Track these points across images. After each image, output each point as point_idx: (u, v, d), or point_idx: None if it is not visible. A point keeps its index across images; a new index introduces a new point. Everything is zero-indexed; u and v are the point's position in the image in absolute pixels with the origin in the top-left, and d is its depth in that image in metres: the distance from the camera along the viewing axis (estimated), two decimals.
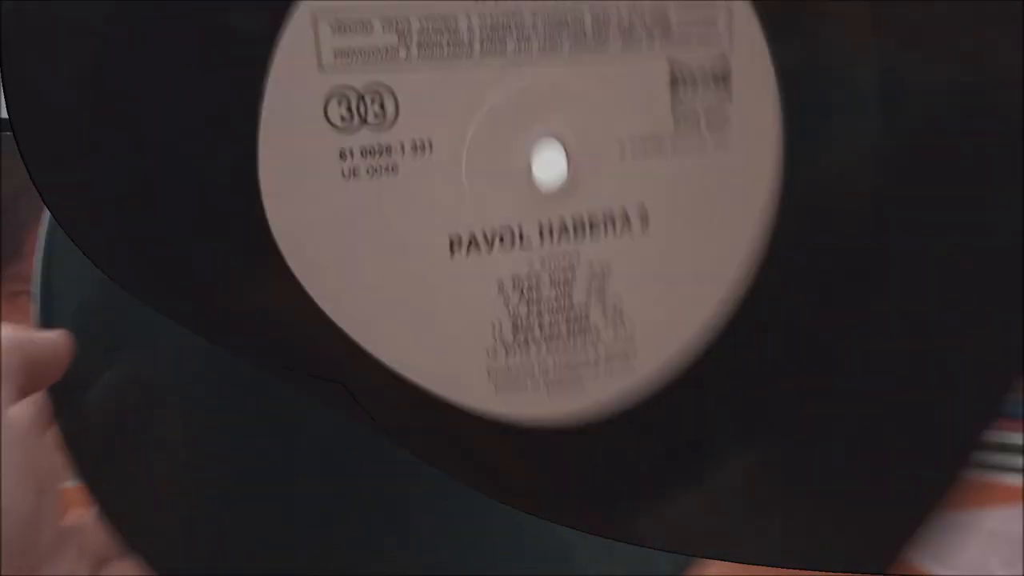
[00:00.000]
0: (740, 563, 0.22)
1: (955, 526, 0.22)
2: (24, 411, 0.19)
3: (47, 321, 0.21)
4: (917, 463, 0.23)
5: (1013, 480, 0.30)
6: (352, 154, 0.19)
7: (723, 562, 0.23)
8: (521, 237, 0.21)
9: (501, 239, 0.21)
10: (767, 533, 0.23)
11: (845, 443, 0.23)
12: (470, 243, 0.21)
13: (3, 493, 0.17)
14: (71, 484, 0.20)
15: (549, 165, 0.21)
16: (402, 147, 0.19)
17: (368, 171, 0.19)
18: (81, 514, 0.20)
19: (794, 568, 0.22)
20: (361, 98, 0.19)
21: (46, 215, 0.21)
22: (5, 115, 0.16)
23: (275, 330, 0.20)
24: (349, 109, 0.19)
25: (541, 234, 0.21)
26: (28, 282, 0.21)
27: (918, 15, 0.23)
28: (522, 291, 0.22)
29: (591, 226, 0.22)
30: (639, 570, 0.24)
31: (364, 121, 0.19)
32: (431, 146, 0.20)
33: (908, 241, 0.24)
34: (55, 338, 0.20)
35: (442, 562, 0.24)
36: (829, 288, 0.24)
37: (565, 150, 0.21)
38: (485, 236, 0.21)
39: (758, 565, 0.22)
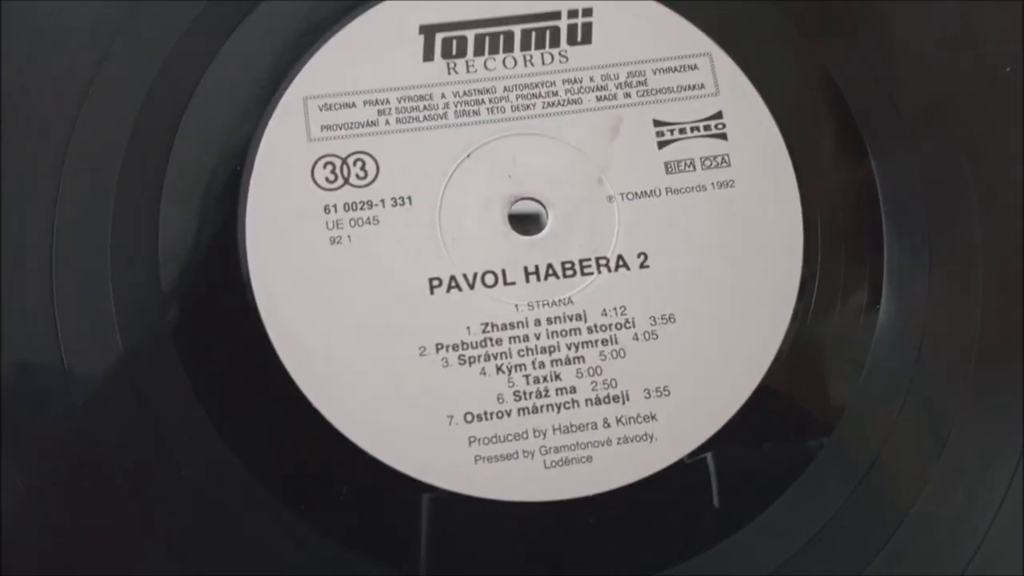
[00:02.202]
0: None
1: None
2: None
3: None
4: None
5: None
6: (336, 208, 0.21)
7: None
8: (505, 280, 0.21)
9: (483, 281, 0.21)
10: None
11: None
12: (451, 283, 0.21)
13: None
14: None
15: (528, 214, 0.21)
16: (383, 202, 0.21)
17: (351, 223, 0.21)
18: None
19: None
20: (344, 162, 0.21)
21: None
22: None
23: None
24: (334, 171, 0.21)
25: (527, 278, 0.21)
26: None
27: None
28: (510, 340, 0.21)
29: (583, 271, 0.21)
30: None
31: (347, 181, 0.21)
32: (410, 200, 0.21)
33: None
34: None
35: None
36: None
37: (544, 199, 0.21)
38: (466, 277, 0.21)
39: None
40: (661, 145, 0.22)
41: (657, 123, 0.22)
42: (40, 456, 0.19)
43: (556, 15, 0.22)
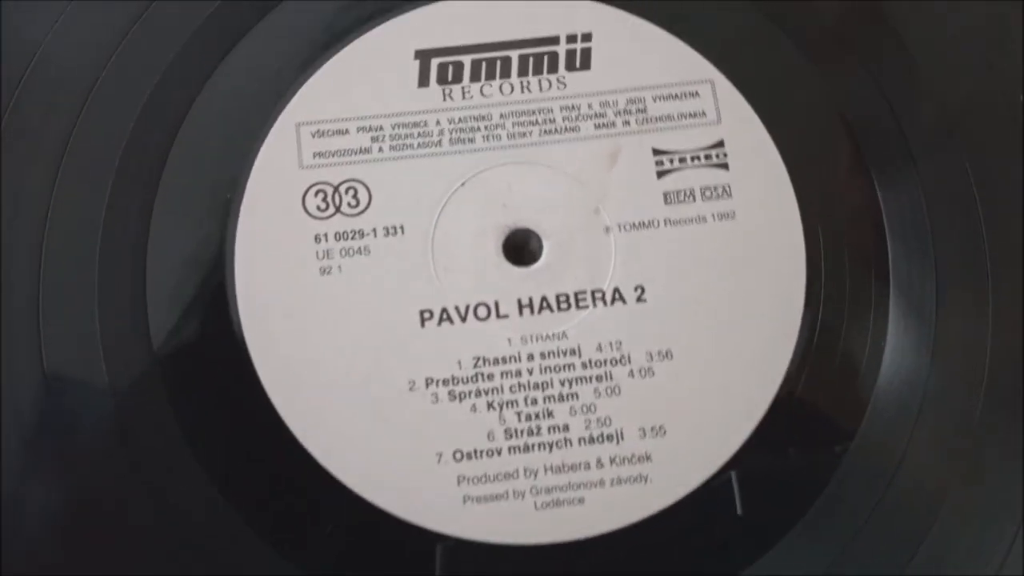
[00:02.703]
0: None
1: None
2: None
3: None
4: None
5: None
6: (327, 238, 0.21)
7: None
8: (498, 313, 0.20)
9: (476, 313, 0.20)
10: None
11: None
12: (442, 316, 0.20)
13: None
14: None
15: (522, 244, 0.21)
16: (374, 231, 0.21)
17: (342, 253, 0.20)
18: None
19: None
20: (336, 190, 0.21)
21: None
22: None
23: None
24: (325, 200, 0.21)
25: (520, 311, 0.20)
26: None
27: None
28: (502, 375, 0.20)
29: (578, 304, 0.20)
30: None
31: (338, 210, 0.21)
32: (402, 230, 0.21)
33: None
34: None
35: None
36: None
37: (539, 229, 0.21)
38: (458, 310, 0.20)
39: None
40: (660, 175, 0.21)
41: (656, 152, 0.21)
42: (21, 487, 0.19)
43: (555, 40, 0.22)
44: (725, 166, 0.21)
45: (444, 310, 0.20)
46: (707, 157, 0.21)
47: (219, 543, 0.19)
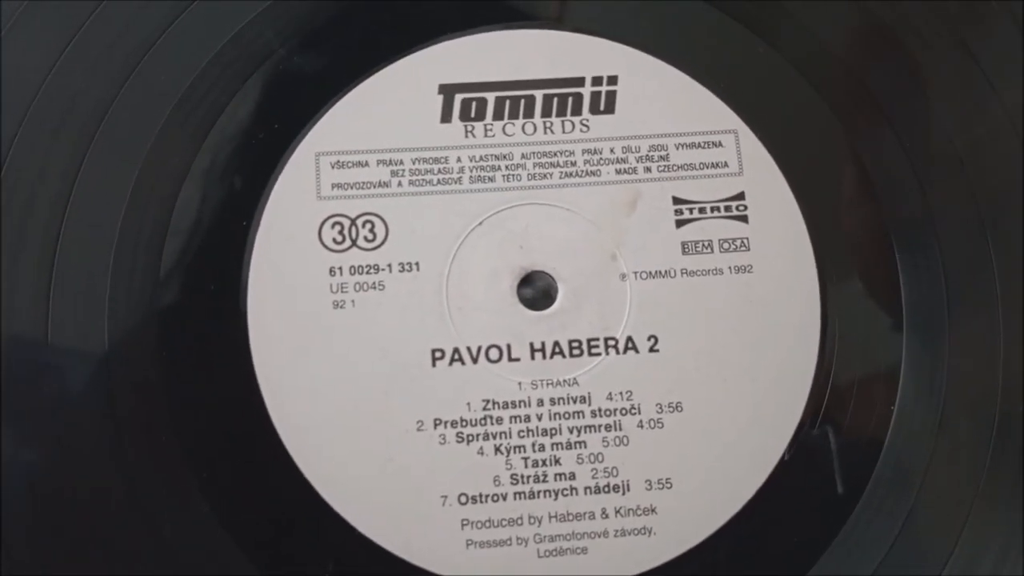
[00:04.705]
0: None
1: None
2: None
3: None
4: None
5: None
6: (341, 271, 0.20)
7: None
8: (510, 356, 0.20)
9: (487, 355, 0.20)
10: None
11: None
12: (454, 356, 0.20)
13: None
14: None
15: (537, 288, 0.21)
16: (389, 267, 0.21)
17: (356, 287, 0.20)
18: None
19: None
20: (353, 223, 0.21)
21: None
22: None
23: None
24: (342, 232, 0.21)
25: (532, 355, 0.20)
26: None
27: None
28: (511, 420, 0.20)
29: (590, 351, 0.20)
30: None
31: (354, 243, 0.21)
32: (418, 267, 0.21)
33: None
34: None
35: None
36: None
37: (555, 273, 0.21)
38: (470, 351, 0.20)
39: None
40: (679, 224, 0.21)
41: (676, 200, 0.21)
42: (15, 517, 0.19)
43: (580, 81, 0.22)
44: (744, 218, 0.21)
45: (456, 350, 0.20)
46: (727, 208, 0.21)
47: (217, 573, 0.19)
